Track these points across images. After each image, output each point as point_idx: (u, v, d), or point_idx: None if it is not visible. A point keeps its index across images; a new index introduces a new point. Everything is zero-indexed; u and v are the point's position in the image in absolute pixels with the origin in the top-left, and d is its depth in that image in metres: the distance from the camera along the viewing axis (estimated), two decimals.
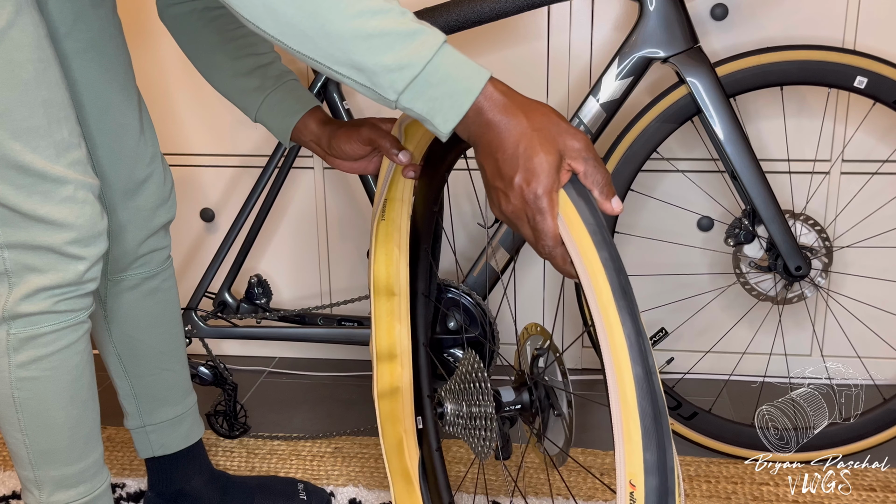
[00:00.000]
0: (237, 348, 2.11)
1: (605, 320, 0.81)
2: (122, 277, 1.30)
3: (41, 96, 1.00)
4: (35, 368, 1.07)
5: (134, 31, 1.87)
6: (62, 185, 1.02)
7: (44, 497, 1.13)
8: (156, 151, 1.28)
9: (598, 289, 0.82)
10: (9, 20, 0.96)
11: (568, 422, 1.05)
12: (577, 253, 0.84)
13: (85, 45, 1.15)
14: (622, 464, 0.80)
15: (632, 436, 0.79)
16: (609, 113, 1.54)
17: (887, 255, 1.80)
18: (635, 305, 0.82)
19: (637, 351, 0.79)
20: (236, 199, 1.98)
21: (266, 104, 1.23)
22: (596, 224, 0.84)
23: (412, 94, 0.84)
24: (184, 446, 1.41)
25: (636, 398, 0.79)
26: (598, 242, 0.83)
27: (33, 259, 1.03)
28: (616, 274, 0.82)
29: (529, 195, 0.84)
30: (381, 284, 1.27)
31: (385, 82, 0.83)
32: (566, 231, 0.85)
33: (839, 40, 1.70)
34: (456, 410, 1.12)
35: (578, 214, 0.85)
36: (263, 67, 1.24)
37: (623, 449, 0.79)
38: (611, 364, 0.80)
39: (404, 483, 1.32)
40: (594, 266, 0.83)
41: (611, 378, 0.80)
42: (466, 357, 1.11)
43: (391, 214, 1.24)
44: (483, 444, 1.07)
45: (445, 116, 0.85)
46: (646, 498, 0.79)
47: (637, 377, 0.79)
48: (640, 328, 0.81)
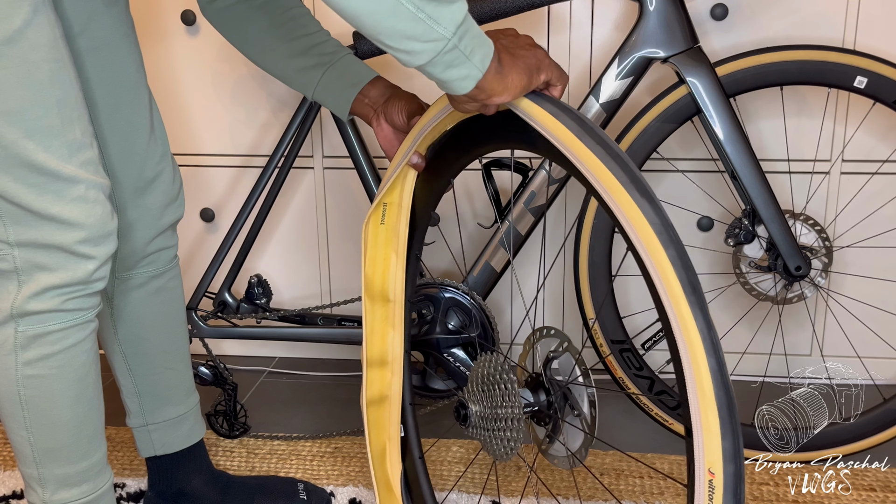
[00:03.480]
0: (237, 348, 2.11)
1: (679, 316, 0.84)
2: (130, 276, 1.30)
3: (55, 96, 1.00)
4: (42, 366, 1.07)
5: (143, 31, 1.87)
6: (74, 184, 1.02)
7: (47, 495, 1.14)
8: (165, 150, 1.28)
9: (669, 285, 0.85)
10: (26, 20, 0.97)
11: (589, 421, 1.05)
12: (645, 252, 0.87)
13: (98, 43, 1.15)
14: (700, 453, 0.83)
15: (710, 426, 0.83)
16: (609, 113, 1.54)
17: (887, 255, 1.80)
18: (704, 300, 0.85)
19: (710, 344, 0.84)
20: (236, 199, 1.98)
21: (325, 79, 1.26)
22: (662, 224, 0.87)
23: (464, 29, 0.91)
24: (185, 446, 1.41)
25: (713, 389, 0.83)
26: (664, 241, 0.87)
27: (43, 257, 1.04)
28: (685, 271, 0.86)
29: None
30: (376, 289, 1.26)
31: (447, 12, 0.89)
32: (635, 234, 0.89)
33: (839, 40, 1.70)
34: (481, 412, 1.12)
35: (643, 215, 0.88)
36: (318, 46, 1.27)
37: (702, 439, 0.83)
38: (687, 357, 0.84)
39: (387, 492, 1.31)
40: (663, 264, 0.86)
41: (688, 371, 0.84)
42: (488, 359, 1.11)
43: (390, 220, 1.24)
44: (508, 445, 1.08)
45: (485, 53, 0.94)
46: (724, 485, 0.83)
47: (712, 369, 0.83)
48: (710, 322, 0.84)
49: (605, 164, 0.91)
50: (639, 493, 1.51)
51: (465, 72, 0.93)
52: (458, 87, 0.95)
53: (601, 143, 0.93)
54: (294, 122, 1.65)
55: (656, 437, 1.68)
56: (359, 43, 1.57)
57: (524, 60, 0.99)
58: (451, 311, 1.64)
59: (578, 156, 0.93)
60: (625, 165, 0.91)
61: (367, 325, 1.27)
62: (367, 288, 1.26)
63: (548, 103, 0.99)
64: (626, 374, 1.62)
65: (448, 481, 1.57)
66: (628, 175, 0.90)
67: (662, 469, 1.58)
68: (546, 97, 1.00)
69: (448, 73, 0.93)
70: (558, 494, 1.50)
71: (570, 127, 0.95)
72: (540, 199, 1.60)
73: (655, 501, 1.49)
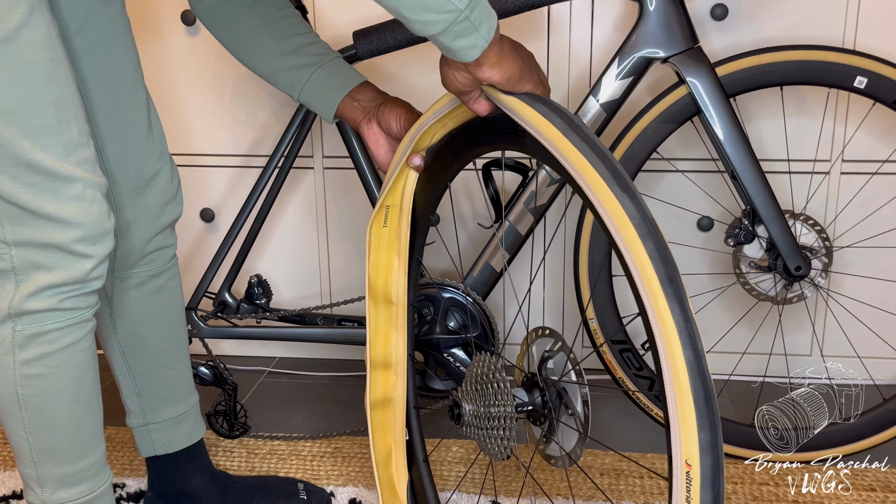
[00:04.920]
0: (237, 348, 2.11)
1: (655, 308, 0.85)
2: (129, 275, 1.30)
3: (52, 95, 1.00)
4: (39, 365, 1.07)
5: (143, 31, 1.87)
6: (71, 183, 1.02)
7: (46, 495, 1.14)
8: (163, 149, 1.28)
9: (647, 278, 0.86)
10: (22, 20, 0.97)
11: (583, 420, 1.05)
12: (624, 245, 0.87)
13: (94, 43, 1.15)
14: (678, 445, 0.83)
15: (686, 417, 0.83)
16: (609, 113, 1.54)
17: (887, 255, 1.80)
18: (683, 292, 0.85)
19: (687, 336, 0.83)
20: (236, 200, 1.98)
21: (313, 79, 1.26)
22: (641, 217, 0.88)
23: (476, 1, 0.94)
24: (185, 445, 1.41)
25: (689, 381, 0.83)
26: (643, 235, 0.87)
27: (40, 257, 1.04)
28: (663, 264, 0.86)
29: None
30: (379, 292, 1.26)
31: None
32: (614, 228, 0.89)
33: (839, 40, 1.70)
34: (474, 411, 1.13)
35: (623, 209, 0.88)
36: (308, 46, 1.28)
37: (679, 431, 0.83)
38: (663, 350, 0.84)
39: (391, 495, 1.31)
40: (641, 257, 0.86)
41: (664, 363, 0.84)
42: (481, 359, 1.12)
43: (392, 222, 1.24)
44: (501, 444, 1.08)
45: (490, 24, 0.97)
46: (701, 477, 0.82)
47: (689, 361, 0.83)
48: (688, 314, 0.84)
49: (587, 160, 0.93)
50: (639, 493, 1.51)
51: (473, 41, 0.96)
52: (465, 56, 0.98)
53: (585, 139, 0.94)
54: (294, 122, 1.65)
55: (656, 438, 1.68)
56: (359, 43, 1.57)
57: (524, 60, 1.03)
58: (450, 311, 1.64)
59: (563, 152, 0.95)
60: (607, 161, 0.92)
61: (371, 328, 1.27)
62: (371, 290, 1.27)
63: (538, 103, 1.00)
64: (626, 374, 1.62)
65: (448, 481, 1.57)
66: (610, 170, 0.91)
67: (662, 469, 1.58)
68: (537, 97, 1.02)
69: (457, 42, 0.96)
70: (558, 495, 1.50)
71: (556, 125, 0.97)
72: (540, 199, 1.60)
73: (655, 501, 1.49)
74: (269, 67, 1.29)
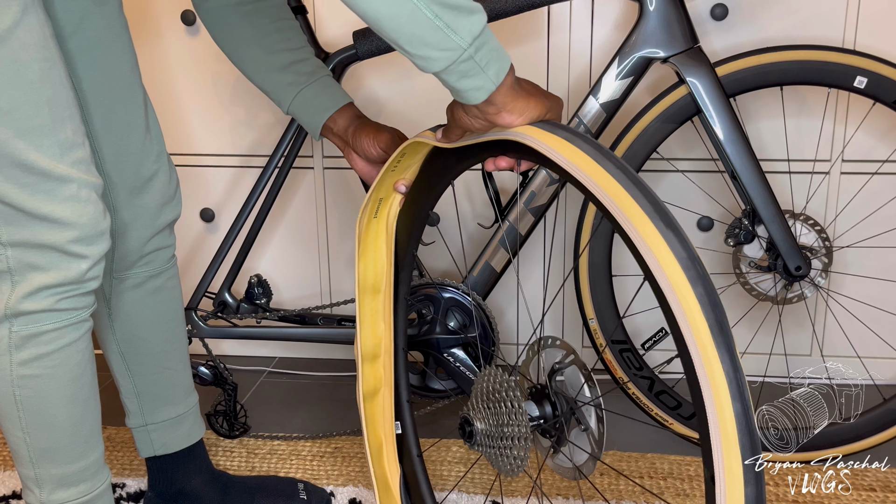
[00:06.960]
0: (237, 348, 2.11)
1: (704, 357, 0.81)
2: (127, 276, 1.30)
3: (46, 95, 1.00)
4: (36, 366, 1.07)
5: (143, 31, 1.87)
6: (66, 183, 1.02)
7: (44, 495, 1.14)
8: (161, 150, 1.28)
9: (696, 326, 0.82)
10: (15, 20, 0.97)
11: (596, 437, 1.03)
12: (669, 288, 0.83)
13: (90, 43, 1.15)
14: (723, 497, 0.81)
15: (733, 471, 0.80)
16: (609, 113, 1.54)
17: (887, 255, 1.80)
18: (732, 341, 0.82)
19: (736, 387, 0.81)
20: (236, 199, 1.98)
21: (299, 99, 1.28)
22: (689, 258, 0.84)
23: (482, 41, 0.92)
24: (185, 445, 1.41)
25: (737, 435, 0.80)
26: (692, 277, 0.83)
27: (36, 257, 1.04)
28: (712, 309, 0.82)
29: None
30: (368, 283, 1.27)
31: (466, 24, 0.91)
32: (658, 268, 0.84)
33: (839, 40, 1.70)
34: (486, 430, 1.09)
35: (670, 249, 0.84)
36: (297, 63, 1.28)
37: (724, 485, 0.81)
38: (711, 401, 0.81)
39: (385, 490, 1.31)
40: (690, 303, 0.82)
41: (711, 415, 0.81)
42: (491, 373, 1.08)
43: (383, 214, 1.24)
44: (514, 462, 1.05)
45: (501, 66, 0.95)
46: None
47: (737, 414, 0.81)
48: (737, 364, 0.81)
49: (627, 192, 0.87)
50: (639, 493, 1.51)
51: (479, 83, 0.94)
52: (471, 98, 0.96)
53: (621, 167, 0.89)
54: (294, 123, 1.65)
55: (656, 438, 1.68)
56: (359, 43, 1.57)
57: (547, 97, 1.00)
58: (450, 311, 1.64)
59: (597, 181, 0.89)
60: (647, 193, 0.87)
61: (360, 320, 1.27)
62: (360, 282, 1.27)
63: (560, 129, 0.96)
64: (626, 373, 1.62)
65: (448, 481, 1.57)
66: (652, 204, 0.86)
67: (662, 469, 1.58)
68: (554, 123, 0.98)
69: (462, 82, 0.94)
70: (559, 495, 1.50)
71: (587, 152, 0.92)
72: (540, 199, 1.60)
73: (655, 501, 1.49)
74: (259, 80, 1.30)
